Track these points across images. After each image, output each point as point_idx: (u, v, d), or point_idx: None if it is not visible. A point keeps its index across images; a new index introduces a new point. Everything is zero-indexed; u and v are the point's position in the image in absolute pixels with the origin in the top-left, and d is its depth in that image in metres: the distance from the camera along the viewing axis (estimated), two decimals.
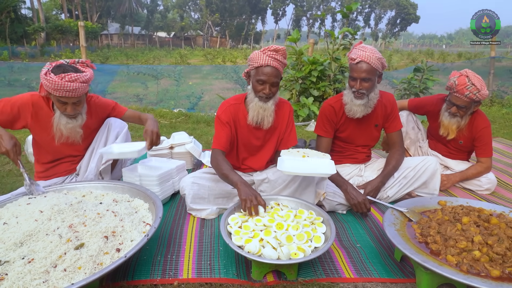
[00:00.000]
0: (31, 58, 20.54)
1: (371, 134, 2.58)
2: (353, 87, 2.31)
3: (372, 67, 2.23)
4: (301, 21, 68.40)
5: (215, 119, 2.28)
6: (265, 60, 2.06)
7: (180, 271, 1.71)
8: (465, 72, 2.54)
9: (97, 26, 37.70)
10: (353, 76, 2.29)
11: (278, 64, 2.09)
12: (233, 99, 2.33)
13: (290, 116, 2.37)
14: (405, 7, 64.74)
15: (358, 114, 2.37)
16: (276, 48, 2.10)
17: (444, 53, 30.82)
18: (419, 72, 5.88)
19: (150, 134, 2.28)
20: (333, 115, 2.49)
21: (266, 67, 2.07)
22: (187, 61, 20.37)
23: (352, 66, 2.29)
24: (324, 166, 2.08)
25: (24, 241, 1.52)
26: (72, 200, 1.81)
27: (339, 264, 1.80)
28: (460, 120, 2.65)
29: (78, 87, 2.02)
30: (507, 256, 1.53)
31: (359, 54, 2.24)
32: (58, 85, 1.97)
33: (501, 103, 7.07)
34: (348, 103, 2.37)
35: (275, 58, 2.07)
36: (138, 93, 7.26)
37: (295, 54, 5.59)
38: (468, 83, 2.48)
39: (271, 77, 2.08)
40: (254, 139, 2.32)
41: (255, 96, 2.15)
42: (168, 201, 2.53)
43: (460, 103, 2.56)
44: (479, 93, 2.48)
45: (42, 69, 2.03)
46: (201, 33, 59.48)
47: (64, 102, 2.06)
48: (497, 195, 2.77)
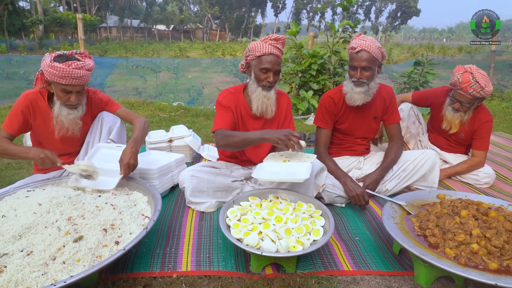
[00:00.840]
0: (29, 51, 20.42)
1: (370, 126, 2.59)
2: (353, 77, 2.31)
3: (372, 56, 2.24)
4: (301, 14, 67.98)
5: (216, 105, 2.26)
6: (268, 49, 2.08)
7: (179, 264, 1.71)
8: (469, 69, 2.52)
9: (95, 19, 37.35)
10: (353, 65, 2.30)
11: (279, 52, 2.12)
12: (232, 88, 2.33)
13: (288, 107, 2.37)
14: (405, 0, 64.33)
15: (358, 101, 2.36)
16: (276, 37, 2.13)
17: (444, 47, 30.68)
18: (419, 65, 5.86)
19: (126, 167, 2.05)
20: (332, 106, 2.50)
21: (269, 55, 2.08)
22: (186, 54, 20.28)
23: (353, 56, 2.29)
24: (299, 171, 1.96)
25: (23, 234, 1.52)
26: (71, 193, 1.81)
27: (338, 257, 1.81)
28: (463, 115, 2.65)
29: (84, 74, 2.03)
30: (505, 249, 1.53)
31: (359, 43, 2.25)
32: (66, 72, 1.96)
33: (501, 97, 7.06)
34: (348, 92, 2.38)
35: (276, 46, 2.10)
36: (137, 86, 7.23)
37: (294, 48, 5.56)
38: (472, 80, 2.46)
39: (275, 65, 2.09)
40: (252, 129, 2.32)
41: (258, 85, 2.15)
42: (167, 194, 2.53)
43: (464, 100, 2.56)
44: (483, 91, 2.47)
45: (44, 59, 2.03)
46: (200, 26, 59.14)
47: (69, 91, 2.05)
48: (496, 189, 2.77)
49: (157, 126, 4.58)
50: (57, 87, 2.04)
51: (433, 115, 2.96)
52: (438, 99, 2.83)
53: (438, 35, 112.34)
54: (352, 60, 2.30)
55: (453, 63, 8.55)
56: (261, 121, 2.30)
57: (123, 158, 2.08)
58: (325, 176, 2.28)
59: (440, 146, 2.99)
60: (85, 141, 2.40)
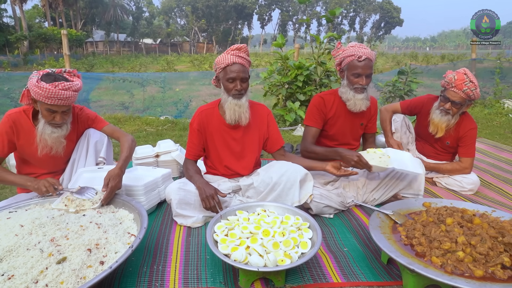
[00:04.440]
0: (13, 67, 20.16)
1: (356, 132, 2.69)
2: (356, 84, 2.42)
3: (373, 63, 2.41)
4: (287, 26, 68.95)
5: (189, 126, 2.40)
6: (231, 59, 2.16)
7: (166, 282, 1.68)
8: (463, 70, 2.64)
9: (81, 34, 37.23)
10: (357, 73, 2.40)
11: (243, 61, 2.18)
12: (207, 104, 2.44)
13: (269, 117, 2.45)
14: (389, 10, 65.88)
15: (363, 107, 2.49)
16: (238, 47, 2.22)
17: (428, 55, 31.35)
18: (403, 74, 5.97)
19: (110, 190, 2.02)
20: (322, 105, 2.58)
21: (233, 65, 2.17)
22: (174, 67, 20.27)
23: (356, 64, 2.39)
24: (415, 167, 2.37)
25: (3, 257, 1.47)
26: (54, 213, 1.77)
27: (327, 269, 1.80)
28: (451, 119, 2.71)
29: (70, 95, 2.02)
30: (490, 255, 1.55)
31: (363, 52, 2.37)
32: (52, 93, 1.95)
33: (483, 103, 7.23)
34: (350, 99, 2.47)
35: (238, 55, 2.18)
36: (124, 100, 7.19)
37: (280, 59, 5.62)
38: (467, 79, 2.57)
39: (239, 73, 2.16)
40: (231, 140, 2.36)
41: (228, 95, 2.23)
42: (154, 211, 2.50)
43: (456, 99, 2.61)
44: (476, 91, 2.58)
45: (31, 77, 2.01)
46: (187, 39, 59.38)
47: (54, 110, 2.04)
48: (481, 195, 2.82)
49: (144, 141, 4.55)
50: (42, 106, 2.03)
51: (420, 122, 3.01)
52: (425, 107, 2.90)
53: (421, 44, 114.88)
54: (357, 68, 2.39)
55: (437, 71, 8.76)
56: (239, 131, 2.35)
57: (110, 179, 2.05)
58: (311, 186, 2.28)
59: (427, 154, 3.04)
60: (71, 159, 2.37)
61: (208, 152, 2.45)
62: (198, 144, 2.40)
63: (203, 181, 2.22)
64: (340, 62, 2.51)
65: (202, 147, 2.42)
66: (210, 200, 2.12)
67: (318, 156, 2.48)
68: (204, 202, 2.14)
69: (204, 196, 2.13)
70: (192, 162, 2.41)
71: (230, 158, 2.41)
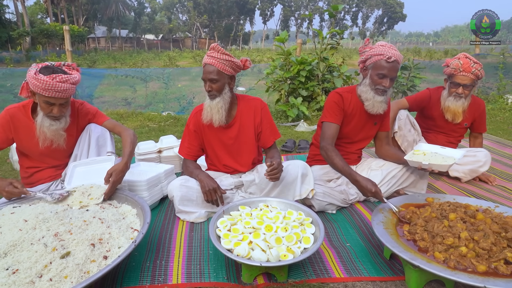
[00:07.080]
0: (16, 63, 20.19)
1: (369, 131, 2.57)
2: (379, 85, 2.29)
3: (399, 67, 2.34)
4: (289, 21, 68.62)
5: (185, 127, 2.42)
6: (204, 60, 2.19)
7: (169, 276, 1.69)
8: (463, 55, 2.79)
9: (83, 30, 37.20)
10: (383, 73, 2.25)
11: (215, 61, 2.13)
12: (202, 104, 2.37)
13: (263, 111, 2.38)
14: (391, 5, 65.42)
15: (380, 110, 2.37)
16: (212, 46, 2.20)
17: (431, 51, 31.21)
18: (406, 70, 5.94)
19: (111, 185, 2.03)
20: (341, 102, 2.44)
21: (205, 66, 2.18)
22: (176, 63, 20.28)
23: (384, 64, 2.24)
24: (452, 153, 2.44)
25: (8, 252, 1.49)
26: (58, 208, 1.78)
27: (329, 264, 1.81)
28: (464, 101, 2.83)
29: (68, 88, 2.02)
30: (493, 251, 1.55)
31: (393, 53, 2.24)
32: (49, 85, 1.95)
33: (486, 99, 7.19)
34: (369, 99, 2.35)
35: (211, 56, 2.16)
36: (126, 96, 7.20)
37: (283, 55, 5.60)
38: (471, 61, 2.73)
39: (208, 74, 2.15)
40: (227, 139, 2.35)
41: (207, 96, 2.24)
42: (156, 206, 2.51)
43: (467, 81, 2.75)
44: (481, 70, 2.73)
45: (30, 70, 2.02)
46: (189, 35, 59.25)
47: (52, 103, 2.04)
48: (484, 189, 2.82)
49: (146, 136, 4.55)
50: (40, 98, 2.04)
51: (430, 114, 3.04)
52: (433, 98, 2.98)
53: (424, 39, 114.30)
54: (383, 68, 2.25)
55: (440, 67, 8.68)
56: (234, 128, 2.34)
57: (113, 173, 2.05)
58: (312, 180, 2.27)
59: (440, 144, 3.00)
60: (73, 154, 2.38)
61: (207, 151, 2.45)
62: (196, 145, 2.40)
63: (205, 174, 2.24)
64: (366, 59, 2.36)
65: (200, 147, 2.43)
66: (212, 193, 2.13)
67: (333, 167, 2.32)
68: (206, 195, 2.16)
69: (207, 189, 2.14)
70: (191, 161, 2.43)
71: (228, 157, 2.40)
